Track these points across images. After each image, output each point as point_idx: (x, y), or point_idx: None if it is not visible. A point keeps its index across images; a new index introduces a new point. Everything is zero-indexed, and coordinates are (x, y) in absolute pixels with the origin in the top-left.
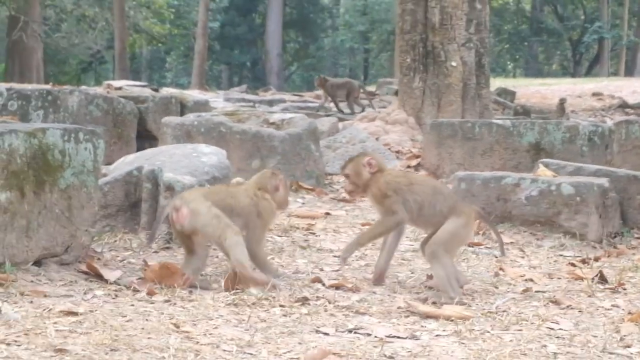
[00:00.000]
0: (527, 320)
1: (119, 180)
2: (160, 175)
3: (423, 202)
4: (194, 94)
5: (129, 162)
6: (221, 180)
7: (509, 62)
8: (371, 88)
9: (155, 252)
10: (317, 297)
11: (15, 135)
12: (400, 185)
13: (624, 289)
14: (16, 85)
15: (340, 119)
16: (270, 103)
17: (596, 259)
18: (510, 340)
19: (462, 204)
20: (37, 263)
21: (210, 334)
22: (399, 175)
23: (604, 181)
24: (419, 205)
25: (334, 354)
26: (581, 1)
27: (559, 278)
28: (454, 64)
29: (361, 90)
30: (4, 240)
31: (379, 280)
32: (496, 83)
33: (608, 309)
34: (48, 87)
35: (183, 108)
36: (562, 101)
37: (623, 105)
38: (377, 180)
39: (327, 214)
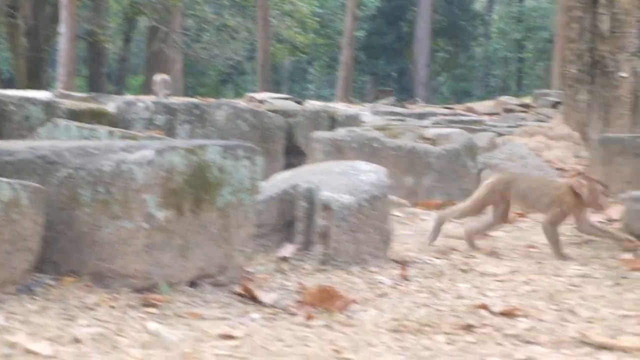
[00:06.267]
0: None
1: (274, 198)
2: (317, 193)
3: None
4: (342, 108)
5: (283, 179)
6: (380, 199)
7: None
8: (526, 100)
9: (310, 273)
10: (482, 324)
11: (175, 152)
12: None
13: None
14: (163, 99)
15: (499, 134)
16: (420, 116)
17: None
18: None
19: None
20: (192, 284)
21: None
22: None
23: None
24: None
25: None
26: None
27: None
28: (623, 74)
29: None
30: (161, 260)
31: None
32: None
33: None
34: (195, 100)
35: (333, 122)
36: None
37: None
38: None
39: (486, 235)
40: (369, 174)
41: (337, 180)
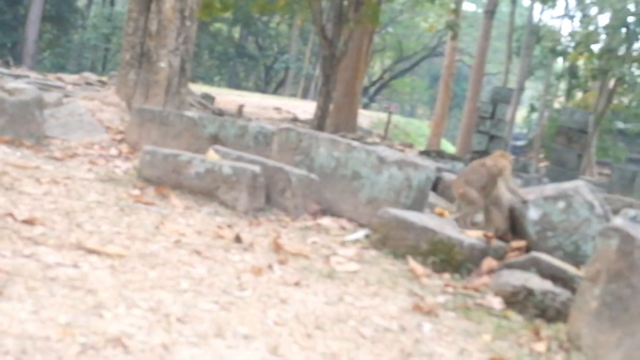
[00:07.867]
0: (171, 263)
1: None
2: None
3: None
4: None
5: None
6: None
7: (216, 75)
8: (104, 78)
9: None
10: (5, 228)
11: None
12: None
13: (254, 249)
14: None
15: (67, 95)
16: (17, 77)
17: (238, 225)
18: (153, 276)
19: None
20: None
21: None
22: None
23: (256, 168)
24: None
25: (4, 272)
26: (276, 37)
27: (206, 236)
28: (162, 65)
29: None
30: None
31: None
32: (203, 89)
33: (237, 262)
34: None
35: None
36: (241, 107)
37: (295, 120)
38: None
39: (38, 167)
40: None
41: None
